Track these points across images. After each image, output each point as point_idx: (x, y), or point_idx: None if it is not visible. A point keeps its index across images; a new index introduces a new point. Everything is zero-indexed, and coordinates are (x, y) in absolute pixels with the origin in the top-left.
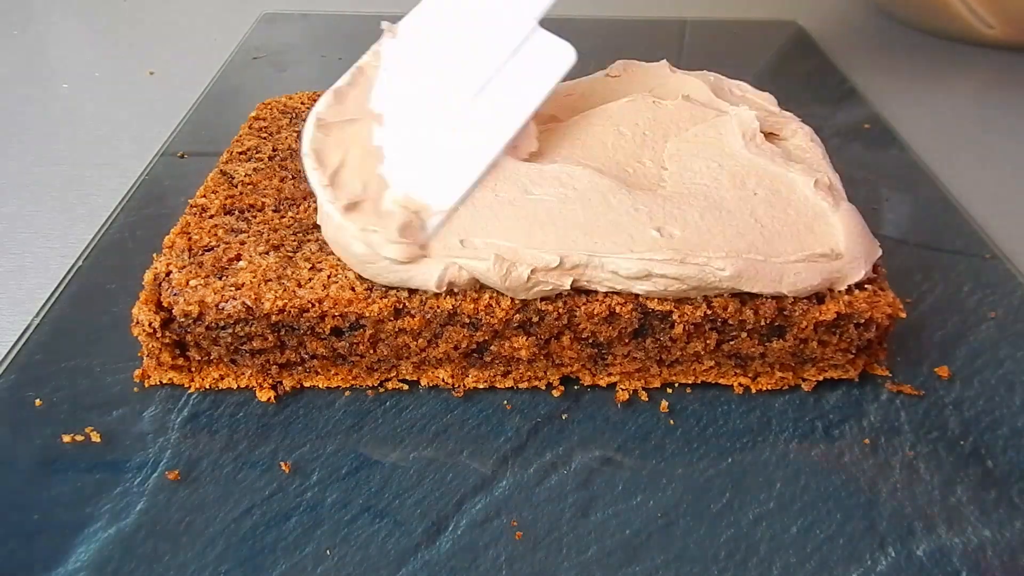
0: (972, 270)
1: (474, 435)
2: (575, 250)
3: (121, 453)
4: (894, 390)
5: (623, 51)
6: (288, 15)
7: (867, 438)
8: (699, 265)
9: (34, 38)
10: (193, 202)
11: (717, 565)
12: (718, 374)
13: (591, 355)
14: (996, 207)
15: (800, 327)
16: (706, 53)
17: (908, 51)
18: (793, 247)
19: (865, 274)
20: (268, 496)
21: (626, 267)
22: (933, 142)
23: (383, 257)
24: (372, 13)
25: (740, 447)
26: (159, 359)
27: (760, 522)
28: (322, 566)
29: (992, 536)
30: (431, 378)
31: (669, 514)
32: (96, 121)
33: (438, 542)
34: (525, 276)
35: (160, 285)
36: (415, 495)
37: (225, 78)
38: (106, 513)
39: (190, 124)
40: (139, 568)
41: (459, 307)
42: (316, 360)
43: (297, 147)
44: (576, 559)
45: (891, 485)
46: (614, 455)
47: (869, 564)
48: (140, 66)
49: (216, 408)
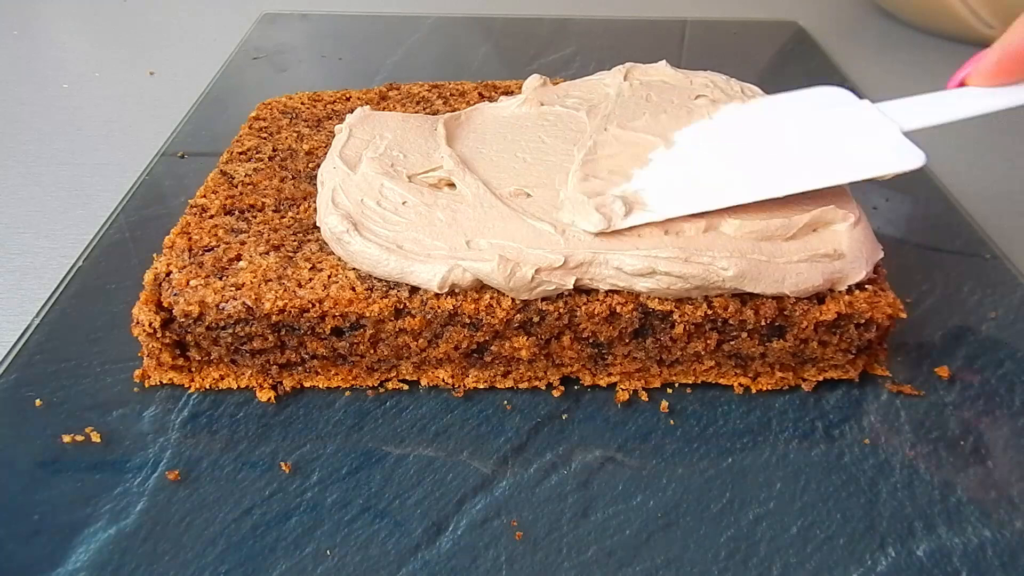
0: (972, 270)
1: (474, 435)
2: (580, 249)
3: (121, 453)
4: (894, 390)
5: (623, 51)
6: (288, 15)
7: (867, 438)
8: (703, 264)
9: (34, 38)
10: (193, 202)
11: (717, 565)
12: (718, 374)
13: (591, 355)
14: (996, 207)
15: (800, 327)
16: (706, 53)
17: (908, 51)
18: (796, 247)
19: (866, 274)
20: (268, 496)
21: (631, 264)
22: (933, 142)
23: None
24: (372, 13)
25: (740, 447)
26: (159, 359)
27: (760, 522)
28: (322, 566)
29: (992, 536)
30: (431, 378)
31: (669, 514)
32: (96, 121)
33: (438, 542)
34: (529, 276)
35: (160, 285)
36: (415, 495)
37: (225, 78)
38: (106, 513)
39: (190, 124)
40: (139, 568)
41: (460, 307)
42: (316, 360)
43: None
44: (576, 559)
45: (891, 485)
46: (614, 455)
47: (869, 564)
48: (140, 66)
49: (216, 408)
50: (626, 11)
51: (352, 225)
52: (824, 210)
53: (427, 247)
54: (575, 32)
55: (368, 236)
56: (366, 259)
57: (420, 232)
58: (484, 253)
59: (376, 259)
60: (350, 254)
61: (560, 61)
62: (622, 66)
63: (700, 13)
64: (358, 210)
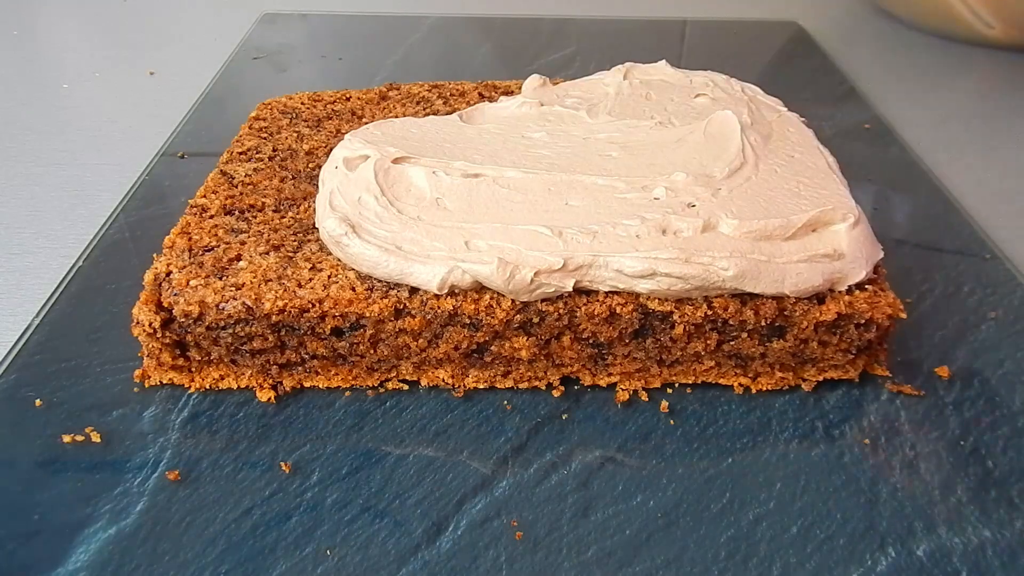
0: (972, 270)
1: (474, 435)
2: (579, 251)
3: (121, 453)
4: (894, 390)
5: (623, 51)
6: (288, 15)
7: (867, 438)
8: (703, 265)
9: (34, 38)
10: (193, 202)
11: (717, 565)
12: (718, 374)
13: (591, 355)
14: (996, 207)
15: (800, 327)
16: (706, 53)
17: (908, 51)
18: (796, 247)
19: (866, 274)
20: (268, 496)
21: (631, 266)
22: (933, 142)
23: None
24: (372, 13)
25: (740, 447)
26: (159, 359)
27: (760, 522)
28: (322, 566)
29: (992, 536)
30: (431, 378)
31: (669, 514)
32: (96, 121)
33: (438, 542)
34: (528, 279)
35: (160, 285)
36: (415, 495)
37: (225, 78)
38: (106, 513)
39: (190, 124)
40: (139, 568)
41: (460, 308)
42: (316, 360)
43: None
44: (576, 559)
45: (891, 485)
46: (614, 455)
47: (869, 564)
48: (140, 66)
49: (216, 408)
50: (626, 11)
51: (350, 227)
52: (824, 210)
53: (426, 248)
54: (575, 32)
55: (367, 238)
56: (365, 261)
57: (419, 233)
58: (483, 255)
59: (375, 261)
60: (349, 256)
61: (560, 61)
62: (621, 66)
63: (700, 13)
64: (355, 211)
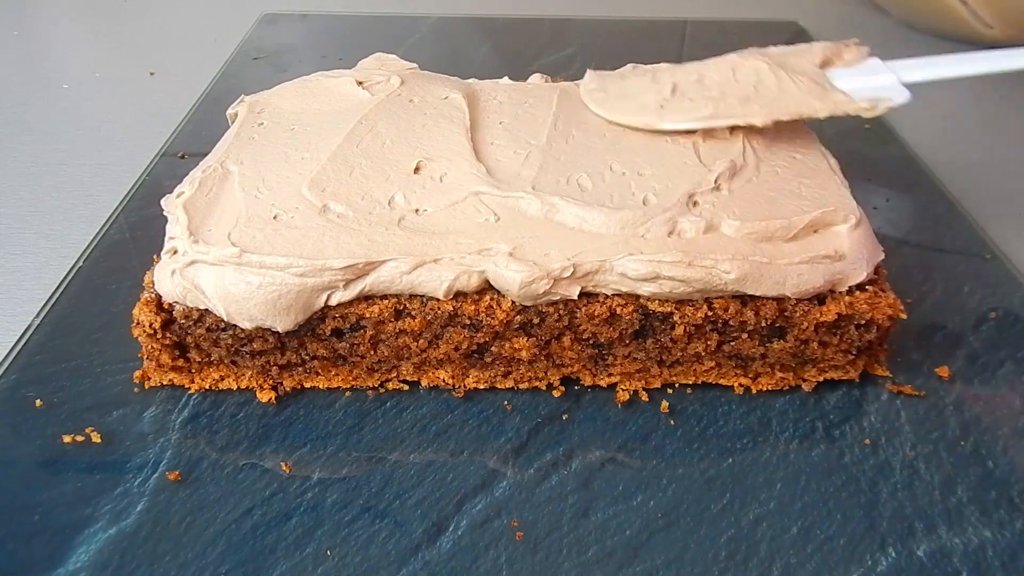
0: (972, 270)
1: (474, 435)
2: (587, 258)
3: (121, 453)
4: (895, 390)
5: (623, 51)
6: (288, 15)
7: (867, 438)
8: (706, 268)
9: (34, 38)
10: None
11: (717, 565)
12: (719, 375)
13: (592, 356)
14: (996, 207)
15: (801, 328)
16: (706, 53)
17: (908, 51)
18: (797, 248)
19: (867, 275)
20: (268, 496)
21: (635, 269)
22: (933, 142)
23: None
24: (372, 13)
25: (740, 447)
26: (159, 360)
27: (760, 522)
28: (322, 566)
29: (992, 536)
30: (431, 379)
31: (669, 514)
32: (96, 121)
33: (438, 542)
34: (542, 290)
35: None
36: (415, 495)
37: (225, 78)
38: (106, 513)
39: (190, 124)
40: (139, 568)
41: (460, 308)
42: (317, 361)
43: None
44: (576, 559)
45: (891, 485)
46: (615, 455)
47: (869, 564)
48: (140, 66)
49: (216, 409)
50: (626, 11)
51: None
52: (825, 211)
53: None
54: (575, 32)
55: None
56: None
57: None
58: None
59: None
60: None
61: (560, 61)
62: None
63: (700, 13)
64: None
